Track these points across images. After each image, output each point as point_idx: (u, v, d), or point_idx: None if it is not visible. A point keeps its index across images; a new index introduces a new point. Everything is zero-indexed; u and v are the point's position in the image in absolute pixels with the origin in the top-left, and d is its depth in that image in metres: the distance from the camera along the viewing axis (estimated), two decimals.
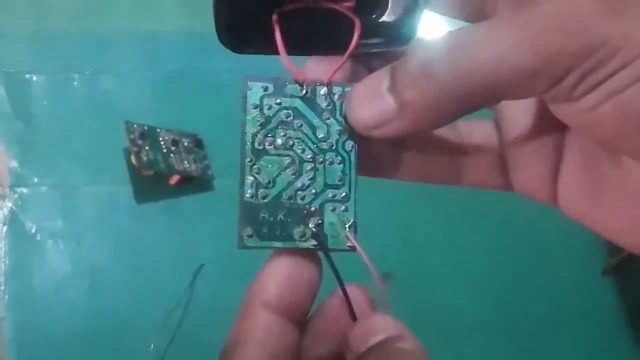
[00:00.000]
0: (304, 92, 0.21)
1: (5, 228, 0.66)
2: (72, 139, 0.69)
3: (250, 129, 0.21)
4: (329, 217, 0.21)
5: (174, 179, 0.69)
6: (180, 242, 0.68)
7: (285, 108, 0.21)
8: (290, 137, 0.21)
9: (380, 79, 0.19)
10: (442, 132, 0.23)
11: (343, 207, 0.21)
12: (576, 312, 0.70)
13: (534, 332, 0.69)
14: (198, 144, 0.71)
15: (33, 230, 0.66)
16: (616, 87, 0.17)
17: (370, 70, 0.22)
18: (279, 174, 0.21)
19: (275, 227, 0.21)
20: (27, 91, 0.70)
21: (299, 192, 0.21)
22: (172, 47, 0.74)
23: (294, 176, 0.21)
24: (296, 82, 0.21)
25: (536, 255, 0.71)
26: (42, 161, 0.68)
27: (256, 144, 0.21)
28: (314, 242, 0.21)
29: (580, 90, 0.18)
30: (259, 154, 0.21)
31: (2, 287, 0.64)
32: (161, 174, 0.69)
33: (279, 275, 0.21)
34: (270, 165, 0.21)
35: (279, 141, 0.21)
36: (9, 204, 0.66)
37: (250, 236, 0.21)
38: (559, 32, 0.17)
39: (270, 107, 0.21)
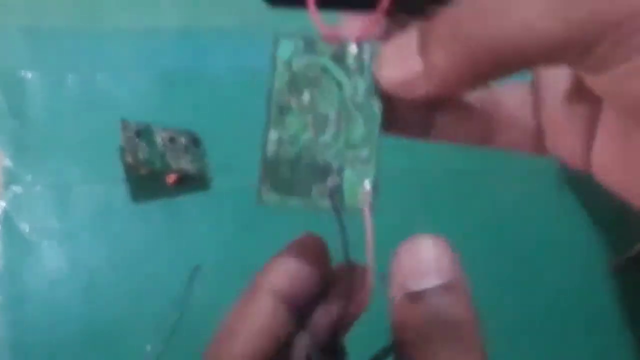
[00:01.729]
0: (334, 50, 0.21)
1: None
2: (67, 137, 0.68)
3: (277, 85, 0.21)
4: (349, 177, 0.21)
5: (171, 178, 0.69)
6: (177, 242, 0.68)
7: (313, 65, 0.21)
8: (316, 95, 0.21)
9: (409, 38, 0.19)
10: (476, 91, 0.23)
11: (363, 167, 0.21)
12: (579, 312, 0.70)
13: (536, 332, 0.69)
14: (195, 142, 0.71)
15: (27, 230, 0.66)
16: None
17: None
18: (303, 131, 0.21)
19: (294, 184, 0.21)
20: (22, 88, 0.69)
21: (321, 150, 0.21)
22: (169, 44, 0.74)
23: (316, 134, 0.21)
24: (326, 39, 0.21)
25: (538, 255, 0.71)
26: (36, 159, 0.67)
27: (282, 100, 0.21)
28: (329, 202, 0.21)
29: (611, 60, 0.17)
30: (283, 110, 0.21)
31: None
32: (158, 173, 0.68)
33: (290, 267, 0.21)
34: (294, 122, 0.21)
35: (305, 98, 0.21)
36: (3, 204, 0.66)
37: (269, 192, 0.21)
38: None
39: (298, 65, 0.21)
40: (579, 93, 0.21)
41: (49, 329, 0.63)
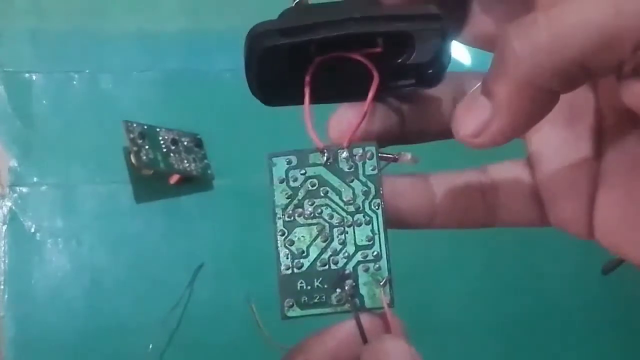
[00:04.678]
0: (326, 158, 0.22)
1: (4, 227, 0.66)
2: (72, 138, 0.69)
3: (279, 203, 0.22)
4: (363, 278, 0.22)
5: (174, 179, 0.69)
6: (179, 242, 0.68)
7: (310, 177, 0.22)
8: (317, 205, 0.22)
9: (474, 92, 0.19)
10: (473, 176, 0.23)
11: (376, 266, 0.22)
12: (576, 312, 0.70)
13: (533, 332, 0.69)
14: (198, 143, 0.71)
15: (33, 230, 0.66)
16: None
17: (400, 113, 0.22)
18: (311, 243, 0.22)
19: (313, 294, 0.22)
20: (27, 90, 0.70)
21: (332, 257, 0.22)
22: (172, 46, 0.74)
23: (325, 243, 0.22)
24: (317, 149, 0.22)
25: (535, 255, 0.71)
26: (41, 160, 0.68)
27: (286, 216, 0.22)
28: (348, 306, 0.21)
29: None
30: (290, 225, 0.22)
31: (2, 286, 0.64)
32: (161, 174, 0.69)
33: (327, 347, 0.21)
34: (302, 236, 0.22)
35: (308, 210, 0.22)
36: (9, 204, 0.66)
37: (292, 307, 0.22)
38: None
39: (295, 179, 0.22)
40: (576, 159, 0.21)
41: (53, 326, 0.64)
